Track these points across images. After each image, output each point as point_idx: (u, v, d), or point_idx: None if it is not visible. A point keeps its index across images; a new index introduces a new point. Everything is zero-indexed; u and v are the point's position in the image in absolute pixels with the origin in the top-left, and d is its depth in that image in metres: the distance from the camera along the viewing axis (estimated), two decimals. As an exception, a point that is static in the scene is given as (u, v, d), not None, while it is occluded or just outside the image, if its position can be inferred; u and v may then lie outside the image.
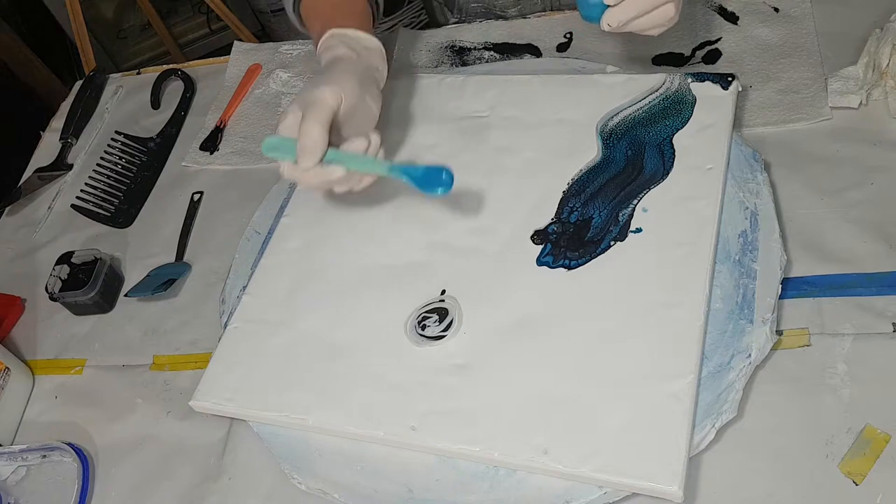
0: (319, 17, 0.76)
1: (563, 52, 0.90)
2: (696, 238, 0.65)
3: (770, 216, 0.67)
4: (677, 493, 0.53)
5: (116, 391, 0.77)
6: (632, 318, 0.62)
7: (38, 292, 0.87)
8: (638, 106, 0.76)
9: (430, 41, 0.97)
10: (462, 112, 0.81)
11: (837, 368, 0.60)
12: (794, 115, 0.75)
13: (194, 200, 0.90)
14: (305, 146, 0.61)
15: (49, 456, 0.73)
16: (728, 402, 0.58)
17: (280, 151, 0.63)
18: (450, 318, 0.66)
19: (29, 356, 0.83)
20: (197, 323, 0.79)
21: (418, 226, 0.74)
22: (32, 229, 0.96)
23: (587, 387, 0.60)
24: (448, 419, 0.61)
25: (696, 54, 0.84)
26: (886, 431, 0.56)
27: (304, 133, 0.61)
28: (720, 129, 0.71)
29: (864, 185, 0.69)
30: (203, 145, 0.96)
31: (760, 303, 0.62)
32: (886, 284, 0.63)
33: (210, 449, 0.69)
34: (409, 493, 0.61)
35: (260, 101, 0.98)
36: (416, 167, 0.63)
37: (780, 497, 0.55)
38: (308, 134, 0.61)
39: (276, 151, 0.63)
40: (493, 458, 0.59)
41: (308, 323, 0.69)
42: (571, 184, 0.72)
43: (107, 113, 1.06)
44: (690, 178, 0.69)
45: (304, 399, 0.65)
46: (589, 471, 0.56)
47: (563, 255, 0.67)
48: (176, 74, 1.06)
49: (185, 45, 2.22)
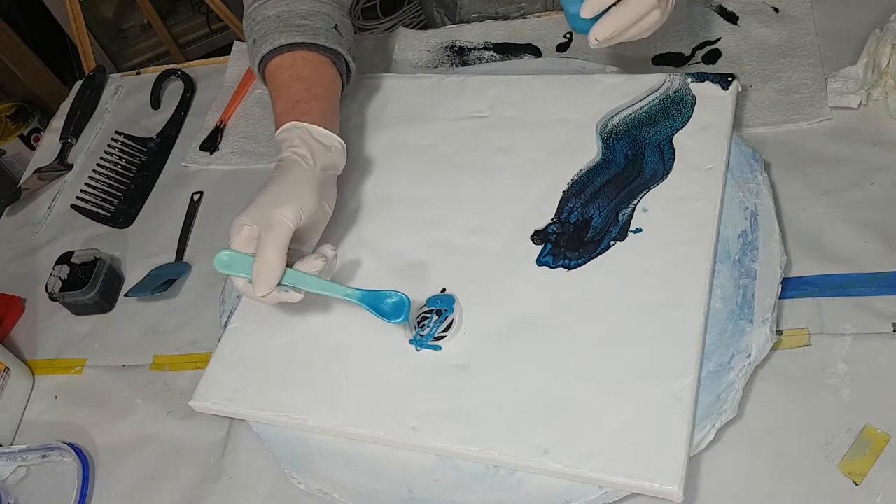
0: (282, 88, 0.72)
1: (563, 52, 0.90)
2: (696, 238, 0.65)
3: (770, 216, 0.67)
4: (677, 493, 0.53)
5: (116, 391, 0.76)
6: (632, 318, 0.62)
7: (38, 292, 0.87)
8: (638, 106, 0.76)
9: (430, 41, 0.97)
10: (462, 112, 0.81)
11: (837, 368, 0.59)
12: (794, 115, 0.75)
13: (194, 200, 0.90)
14: (262, 273, 0.61)
15: (49, 456, 0.73)
16: (728, 402, 0.58)
17: (233, 269, 0.63)
18: (450, 319, 0.66)
19: (29, 356, 0.83)
20: (197, 323, 0.79)
21: (418, 226, 0.74)
22: (32, 229, 0.96)
23: (587, 387, 0.60)
24: (448, 419, 0.61)
25: (695, 54, 0.84)
26: (886, 431, 0.56)
27: (262, 259, 0.61)
28: (720, 129, 0.71)
29: (864, 185, 0.69)
30: (203, 145, 0.96)
31: (760, 303, 0.62)
32: (886, 284, 0.63)
33: (210, 449, 0.69)
34: (409, 493, 0.61)
35: (260, 101, 0.98)
36: (371, 294, 0.64)
37: (780, 497, 0.55)
38: (266, 260, 0.61)
39: (230, 269, 0.63)
40: (493, 458, 0.59)
41: (308, 323, 0.69)
42: (571, 184, 0.72)
43: (107, 113, 1.06)
44: (690, 178, 0.69)
45: (304, 399, 0.65)
46: (589, 471, 0.56)
47: (563, 256, 0.67)
48: (176, 74, 1.06)
49: (185, 45, 2.21)
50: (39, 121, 2.04)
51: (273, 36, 0.73)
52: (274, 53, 0.73)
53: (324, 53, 0.74)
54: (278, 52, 0.73)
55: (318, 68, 0.74)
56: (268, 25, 0.74)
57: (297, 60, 0.73)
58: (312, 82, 0.73)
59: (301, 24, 0.74)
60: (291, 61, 0.73)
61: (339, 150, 0.71)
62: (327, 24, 0.75)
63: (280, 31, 0.73)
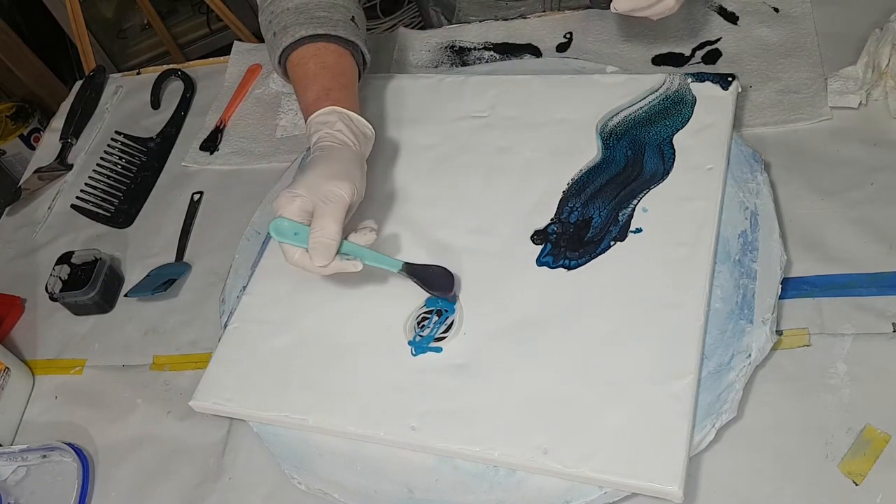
0: (310, 77, 0.74)
1: (563, 52, 0.90)
2: (696, 238, 0.65)
3: (770, 216, 0.67)
4: (677, 493, 0.53)
5: (116, 391, 0.76)
6: (632, 318, 0.62)
7: (38, 292, 0.87)
8: (638, 106, 0.76)
9: (430, 41, 0.97)
10: (462, 112, 0.81)
11: (837, 368, 0.60)
12: (794, 115, 0.75)
13: (194, 200, 0.90)
14: (321, 243, 0.62)
15: (49, 456, 0.73)
16: (728, 402, 0.58)
17: (289, 238, 0.63)
18: (450, 320, 0.66)
19: (29, 356, 0.83)
20: (197, 323, 0.79)
21: (418, 226, 0.74)
22: (32, 229, 0.96)
23: (587, 387, 0.60)
24: (448, 419, 0.61)
25: (695, 54, 0.84)
26: (886, 431, 0.56)
27: (322, 229, 0.62)
28: (720, 129, 0.71)
29: (864, 185, 0.69)
30: (203, 145, 0.96)
31: (760, 303, 0.62)
32: (886, 284, 0.63)
33: (210, 449, 0.69)
34: (409, 493, 0.61)
35: (260, 102, 0.98)
36: (421, 266, 0.66)
37: (780, 497, 0.55)
38: (326, 231, 0.62)
39: (287, 237, 0.63)
40: (493, 458, 0.59)
41: (308, 323, 0.69)
42: (571, 184, 0.72)
43: (107, 113, 1.06)
44: (690, 178, 0.69)
45: (303, 399, 0.65)
46: (589, 471, 0.56)
47: (563, 256, 0.67)
48: (176, 74, 1.06)
49: (185, 45, 2.21)
50: (39, 121, 2.04)
51: (294, 28, 0.74)
52: (297, 45, 0.75)
53: (343, 45, 0.76)
54: (301, 44, 0.75)
55: (341, 59, 0.75)
56: (287, 18, 0.76)
57: (320, 51, 0.74)
58: (338, 72, 0.74)
59: (320, 16, 0.75)
60: (315, 52, 0.74)
61: (371, 138, 0.73)
62: (345, 15, 0.76)
63: (300, 23, 0.74)
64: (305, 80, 0.74)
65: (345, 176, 0.65)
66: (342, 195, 0.63)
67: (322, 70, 0.74)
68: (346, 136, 0.69)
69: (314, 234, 0.62)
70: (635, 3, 0.70)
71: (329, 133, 0.69)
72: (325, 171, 0.65)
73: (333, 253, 0.62)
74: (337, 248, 0.62)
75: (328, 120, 0.70)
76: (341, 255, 0.63)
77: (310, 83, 0.73)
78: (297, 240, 0.63)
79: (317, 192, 0.63)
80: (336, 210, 0.63)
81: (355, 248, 0.64)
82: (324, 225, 0.62)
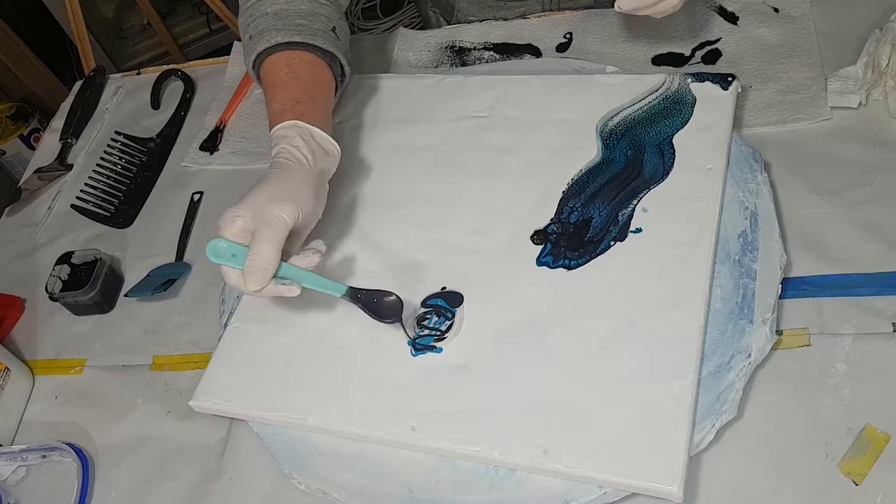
0: (279, 86, 0.72)
1: (563, 52, 0.90)
2: (696, 238, 0.65)
3: (770, 216, 0.67)
4: (677, 493, 0.53)
5: (116, 391, 0.76)
6: (632, 319, 0.62)
7: (38, 292, 0.87)
8: (638, 106, 0.76)
9: (430, 41, 0.97)
10: (462, 112, 0.81)
11: (837, 368, 0.60)
12: (794, 115, 0.75)
13: (194, 200, 0.90)
14: (255, 267, 0.60)
15: (49, 456, 0.73)
16: (728, 402, 0.58)
17: (225, 259, 0.61)
18: (450, 321, 0.66)
19: (29, 356, 0.83)
20: (197, 323, 0.79)
21: (418, 226, 0.74)
22: (32, 229, 0.96)
23: (587, 387, 0.60)
24: (448, 419, 0.61)
25: (695, 54, 0.84)
26: (886, 431, 0.56)
27: (258, 253, 0.60)
28: (720, 129, 0.71)
29: (864, 185, 0.69)
30: (203, 145, 0.96)
31: (760, 303, 0.62)
32: (886, 284, 0.63)
33: (210, 449, 0.69)
34: (409, 493, 0.61)
35: (260, 102, 0.98)
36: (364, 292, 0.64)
37: (780, 497, 0.55)
38: (261, 254, 0.60)
39: (223, 259, 0.61)
40: (493, 458, 0.59)
41: (308, 323, 0.69)
42: (571, 184, 0.72)
43: (107, 113, 1.06)
44: (690, 178, 0.69)
45: (304, 399, 0.65)
46: (589, 471, 0.56)
47: (563, 256, 0.67)
48: (176, 75, 1.06)
49: (184, 45, 2.22)
50: (39, 121, 2.04)
51: (270, 33, 0.73)
52: (271, 51, 0.73)
53: (321, 55, 0.74)
54: (275, 50, 0.73)
55: (316, 70, 0.74)
56: (265, 23, 0.74)
57: (294, 59, 0.73)
58: (310, 83, 0.72)
59: (299, 24, 0.73)
60: (288, 60, 0.73)
61: (335, 155, 0.71)
62: (325, 25, 0.75)
63: (278, 29, 0.73)
64: (275, 88, 0.72)
65: (289, 197, 0.63)
66: (283, 218, 0.61)
67: (292, 80, 0.72)
68: (300, 154, 0.67)
69: (250, 257, 0.60)
70: (639, 1, 0.70)
71: (285, 148, 0.67)
72: (270, 192, 0.63)
73: (268, 278, 0.60)
74: (273, 273, 0.61)
75: (286, 134, 0.68)
76: (279, 279, 0.61)
77: (278, 93, 0.71)
78: (234, 262, 0.61)
79: (259, 214, 0.62)
80: (274, 234, 0.61)
81: (297, 271, 0.62)
82: (260, 249, 0.60)
